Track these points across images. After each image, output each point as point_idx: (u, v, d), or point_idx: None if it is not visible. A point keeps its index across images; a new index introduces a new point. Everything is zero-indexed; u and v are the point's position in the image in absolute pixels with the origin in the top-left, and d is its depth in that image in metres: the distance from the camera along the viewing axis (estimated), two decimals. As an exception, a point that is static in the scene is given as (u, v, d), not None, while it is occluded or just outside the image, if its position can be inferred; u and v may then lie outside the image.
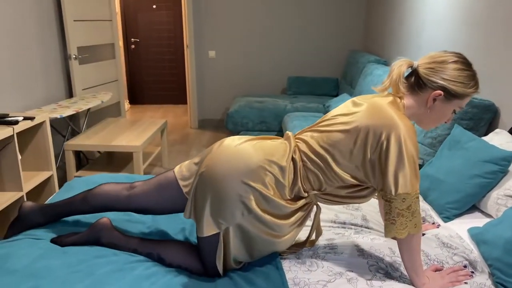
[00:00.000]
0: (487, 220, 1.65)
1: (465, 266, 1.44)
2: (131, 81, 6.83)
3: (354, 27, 5.17)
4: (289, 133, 1.48)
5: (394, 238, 1.33)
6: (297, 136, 1.47)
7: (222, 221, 1.33)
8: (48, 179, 2.79)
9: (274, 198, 1.33)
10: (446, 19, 2.94)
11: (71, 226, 1.65)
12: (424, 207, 1.86)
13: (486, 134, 2.28)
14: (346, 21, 5.15)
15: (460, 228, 1.67)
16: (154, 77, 6.82)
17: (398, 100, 1.36)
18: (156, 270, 1.39)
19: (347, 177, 1.34)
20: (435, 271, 1.43)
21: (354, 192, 1.38)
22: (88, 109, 3.79)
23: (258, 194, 1.32)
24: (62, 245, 1.51)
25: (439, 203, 1.81)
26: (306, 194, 1.39)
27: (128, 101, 6.75)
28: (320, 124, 1.43)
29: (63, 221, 1.69)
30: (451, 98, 1.32)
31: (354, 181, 1.34)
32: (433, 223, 1.74)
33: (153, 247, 1.50)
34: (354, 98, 1.44)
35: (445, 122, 1.42)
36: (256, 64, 5.30)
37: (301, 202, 1.38)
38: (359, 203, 1.43)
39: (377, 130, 1.27)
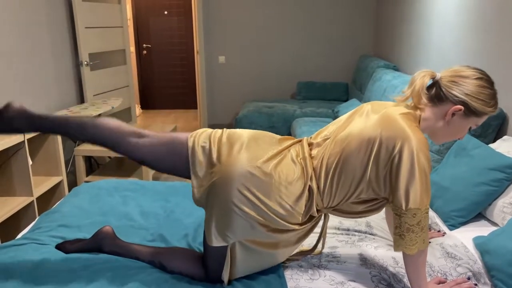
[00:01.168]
0: (493, 228, 1.63)
1: (468, 278, 1.42)
2: (143, 86, 6.91)
3: (363, 32, 5.15)
4: (304, 145, 1.42)
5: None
6: (312, 153, 1.40)
7: (230, 235, 1.32)
8: (58, 184, 2.84)
9: (285, 223, 1.32)
10: (455, 23, 2.91)
11: (76, 232, 1.67)
12: (430, 214, 1.84)
13: (494, 141, 2.24)
14: (355, 26, 5.13)
15: (466, 237, 1.65)
16: (165, 83, 6.89)
17: (415, 111, 1.34)
18: (158, 277, 1.40)
19: (361, 193, 1.32)
20: (438, 283, 1.40)
21: (369, 207, 1.36)
22: (99, 115, 3.84)
23: (268, 217, 1.30)
24: (66, 252, 1.54)
25: (444, 210, 1.79)
26: (318, 214, 1.38)
27: (139, 106, 6.82)
28: (334, 134, 1.38)
29: (67, 226, 1.71)
30: (470, 115, 1.30)
31: (369, 197, 1.33)
32: (439, 231, 1.72)
33: (155, 255, 1.51)
34: (369, 106, 1.40)
35: (458, 139, 1.39)
36: (266, 69, 5.31)
37: (312, 220, 1.38)
38: (371, 215, 1.42)
39: (389, 142, 1.25)
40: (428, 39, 3.41)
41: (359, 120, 1.36)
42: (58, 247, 1.56)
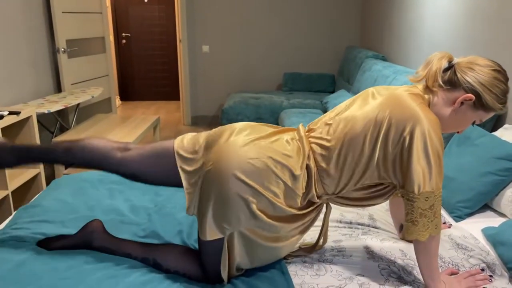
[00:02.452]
0: (501, 219, 1.57)
1: (482, 270, 1.35)
2: (122, 77, 6.68)
3: (350, 23, 5.08)
4: (301, 129, 1.35)
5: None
6: (311, 135, 1.33)
7: (227, 226, 1.22)
8: (35, 177, 2.66)
9: (283, 206, 1.22)
10: (448, 12, 2.86)
11: (60, 228, 1.53)
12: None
13: (492, 130, 2.20)
14: (342, 17, 5.06)
15: (473, 228, 1.59)
16: (146, 73, 6.67)
17: (426, 94, 1.27)
18: (152, 276, 1.28)
19: (367, 177, 1.23)
20: (451, 275, 1.34)
21: (373, 193, 1.28)
22: (78, 105, 3.65)
23: (265, 200, 1.21)
24: (49, 249, 1.40)
25: (449, 202, 1.72)
26: (319, 201, 1.29)
27: (118, 97, 6.59)
28: (336, 118, 1.30)
29: (50, 221, 1.57)
30: (479, 107, 1.23)
31: (374, 182, 1.25)
32: (444, 223, 1.66)
33: (148, 252, 1.39)
34: (373, 89, 1.33)
35: (457, 132, 1.33)
36: (251, 60, 5.18)
37: (311, 208, 1.29)
38: (376, 204, 1.33)
39: (399, 123, 1.17)
40: (419, 28, 3.36)
41: (364, 102, 1.27)
42: (40, 244, 1.42)
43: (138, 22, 6.42)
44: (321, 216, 1.45)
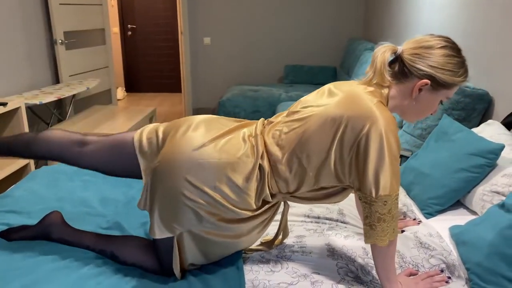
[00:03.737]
0: (472, 217, 1.52)
1: (442, 271, 1.31)
2: (128, 68, 6.72)
3: (353, 14, 4.99)
4: (259, 126, 1.31)
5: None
6: (266, 133, 1.29)
7: (177, 226, 1.21)
8: (25, 167, 2.70)
9: (234, 208, 1.20)
10: (446, 2, 2.77)
11: (24, 219, 1.55)
12: (406, 202, 1.73)
13: (479, 126, 2.13)
14: (345, 8, 4.97)
15: (442, 226, 1.54)
16: (151, 65, 6.70)
17: (381, 89, 1.22)
18: (105, 269, 1.29)
19: (323, 178, 1.20)
20: (409, 275, 1.31)
21: (328, 194, 1.25)
22: (73, 96, 3.69)
23: (215, 203, 1.19)
24: (10, 240, 1.41)
25: (421, 198, 1.68)
26: (273, 200, 1.26)
27: (124, 89, 6.64)
28: (292, 118, 1.26)
29: (17, 212, 1.59)
30: (439, 88, 1.18)
31: (329, 183, 1.21)
32: (414, 219, 1.62)
33: (106, 244, 1.40)
34: (330, 86, 1.29)
35: (431, 114, 1.28)
36: (253, 52, 5.15)
37: (267, 207, 1.26)
38: (333, 203, 1.30)
39: (355, 123, 1.13)
40: (417, 20, 3.27)
41: (321, 100, 1.23)
42: (1, 235, 1.44)
43: (143, 14, 6.43)
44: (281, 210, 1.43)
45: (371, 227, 1.15)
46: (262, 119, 1.38)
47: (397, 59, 1.22)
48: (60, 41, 3.62)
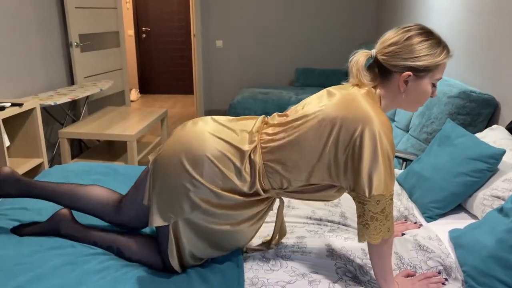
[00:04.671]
0: (472, 221, 1.53)
1: (439, 272, 1.33)
2: (142, 70, 6.83)
3: (365, 19, 4.99)
4: (257, 123, 1.35)
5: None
6: (263, 131, 1.33)
7: (171, 214, 1.26)
8: (39, 166, 2.79)
9: (227, 194, 1.24)
10: (453, 7, 2.77)
11: (34, 215, 1.61)
12: (408, 205, 1.75)
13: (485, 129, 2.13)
14: (356, 12, 4.98)
15: (442, 230, 1.55)
16: (165, 67, 6.80)
17: (373, 90, 1.26)
18: (111, 264, 1.34)
19: (316, 177, 1.23)
20: (407, 276, 1.33)
21: (321, 191, 1.28)
22: (87, 97, 3.78)
23: (207, 190, 1.23)
24: (21, 235, 1.48)
25: (422, 201, 1.69)
26: (265, 194, 1.29)
27: (138, 90, 6.75)
28: (291, 117, 1.29)
29: (28, 209, 1.65)
30: (422, 74, 1.21)
31: (322, 182, 1.25)
32: (415, 223, 1.63)
33: (113, 240, 1.45)
34: (330, 88, 1.33)
35: (431, 97, 1.30)
36: (264, 55, 5.19)
37: (259, 197, 1.30)
38: (327, 200, 1.34)
39: (350, 125, 1.16)
40: (425, 23, 3.27)
41: (318, 102, 1.27)
42: (14, 230, 1.50)
43: (157, 16, 6.54)
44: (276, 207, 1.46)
45: (364, 226, 1.18)
46: (263, 116, 1.41)
47: (375, 62, 1.25)
48: (75, 43, 3.71)
